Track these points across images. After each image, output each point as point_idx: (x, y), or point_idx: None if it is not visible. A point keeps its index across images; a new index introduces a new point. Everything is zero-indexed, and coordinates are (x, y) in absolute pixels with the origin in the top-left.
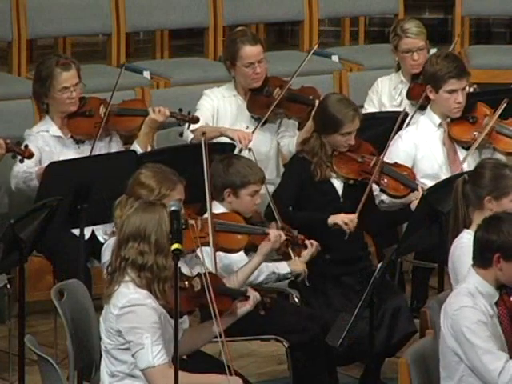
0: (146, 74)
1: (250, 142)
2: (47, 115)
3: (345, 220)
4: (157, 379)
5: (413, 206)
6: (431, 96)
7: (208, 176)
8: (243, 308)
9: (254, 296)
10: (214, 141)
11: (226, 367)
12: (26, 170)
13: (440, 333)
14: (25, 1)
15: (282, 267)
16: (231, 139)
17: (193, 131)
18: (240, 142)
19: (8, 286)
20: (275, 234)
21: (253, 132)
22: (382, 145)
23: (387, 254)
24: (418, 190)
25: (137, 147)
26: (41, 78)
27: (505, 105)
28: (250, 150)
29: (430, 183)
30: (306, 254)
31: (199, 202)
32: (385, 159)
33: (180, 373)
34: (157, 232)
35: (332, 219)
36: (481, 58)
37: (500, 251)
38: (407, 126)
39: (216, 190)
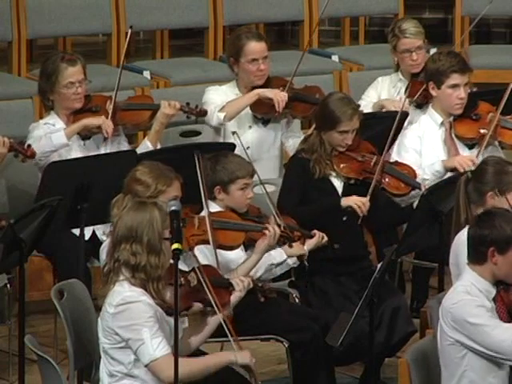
0: (146, 74)
1: (285, 102)
2: (52, 111)
3: (357, 203)
4: (162, 370)
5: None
6: (433, 93)
7: (203, 180)
8: (233, 296)
9: (241, 282)
10: (214, 140)
11: (234, 346)
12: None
13: (439, 332)
14: (25, 1)
15: (278, 256)
16: (269, 99)
17: (222, 109)
18: (278, 104)
19: (8, 286)
20: (271, 229)
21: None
22: (382, 144)
23: (387, 254)
24: (419, 189)
25: (148, 144)
26: (46, 74)
27: (506, 97)
28: (233, 133)
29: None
30: (311, 242)
31: (196, 201)
32: (394, 159)
33: (187, 360)
34: (148, 232)
35: (345, 202)
36: (481, 57)
37: (494, 245)
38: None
39: (207, 189)
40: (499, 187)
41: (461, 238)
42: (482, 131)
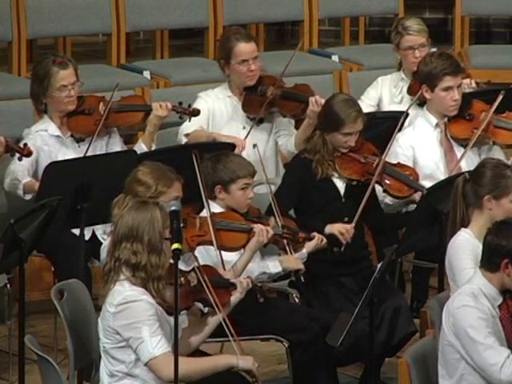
0: (146, 74)
1: (243, 149)
2: (45, 115)
3: (341, 230)
4: (161, 368)
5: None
6: (427, 95)
7: (202, 180)
8: (233, 297)
9: (240, 283)
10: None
11: (234, 346)
12: (17, 177)
13: (441, 331)
14: (25, 1)
15: (274, 266)
16: None
17: (186, 135)
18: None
19: (8, 286)
20: (259, 228)
21: (248, 134)
22: (383, 144)
23: (387, 254)
24: (421, 191)
25: (142, 146)
26: (38, 78)
27: (501, 98)
28: (254, 145)
29: (428, 184)
30: (311, 245)
31: (197, 202)
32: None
33: (187, 359)
34: (149, 232)
35: (328, 229)
36: (481, 57)
37: (509, 257)
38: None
39: (207, 189)
40: (496, 191)
41: (454, 242)
42: (475, 131)
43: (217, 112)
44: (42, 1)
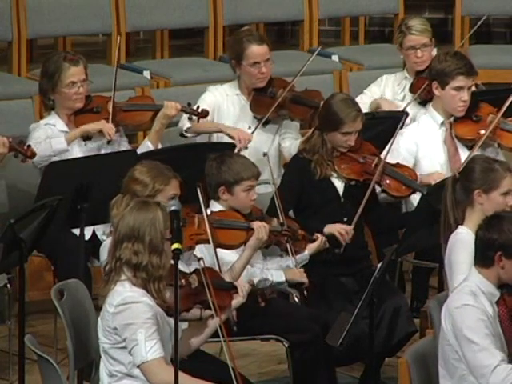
0: (146, 74)
1: (249, 141)
2: (53, 111)
3: (341, 231)
4: (151, 374)
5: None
6: (436, 92)
7: (206, 211)
8: (235, 300)
9: (241, 287)
10: (215, 140)
11: (231, 369)
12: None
13: (440, 331)
14: (25, 1)
15: (277, 275)
16: (231, 137)
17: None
18: (239, 142)
19: (8, 285)
20: (257, 225)
21: (252, 132)
22: (382, 145)
23: (387, 254)
24: (420, 191)
25: (148, 144)
26: (48, 73)
27: (510, 101)
28: (265, 154)
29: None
30: (313, 246)
31: (195, 201)
32: (387, 158)
33: (181, 374)
34: (150, 232)
35: (327, 229)
36: (481, 57)
37: (501, 249)
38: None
39: (211, 189)
40: (486, 185)
41: (454, 239)
42: (481, 133)
43: (223, 108)
44: (42, 1)
